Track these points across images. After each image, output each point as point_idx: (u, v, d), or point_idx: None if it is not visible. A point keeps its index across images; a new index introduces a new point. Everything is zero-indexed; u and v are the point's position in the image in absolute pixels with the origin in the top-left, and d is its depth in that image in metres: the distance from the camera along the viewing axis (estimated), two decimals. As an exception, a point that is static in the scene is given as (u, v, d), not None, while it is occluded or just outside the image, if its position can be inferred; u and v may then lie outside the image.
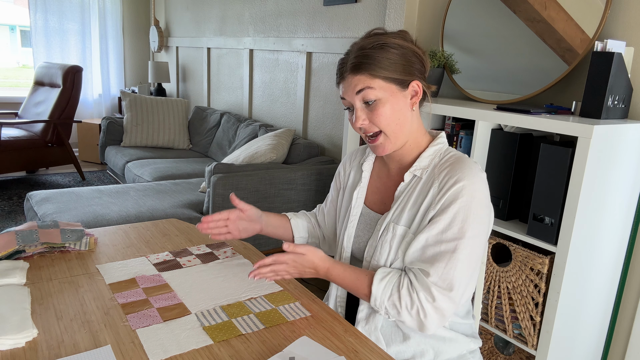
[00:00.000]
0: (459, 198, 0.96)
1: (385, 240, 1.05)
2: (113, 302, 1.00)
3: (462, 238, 0.95)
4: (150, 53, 5.78)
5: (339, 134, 2.97)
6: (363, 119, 1.03)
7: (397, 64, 1.00)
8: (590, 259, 1.48)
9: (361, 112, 1.03)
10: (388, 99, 1.01)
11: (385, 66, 0.99)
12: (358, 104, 1.02)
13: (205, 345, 0.87)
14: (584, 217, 1.38)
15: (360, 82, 1.00)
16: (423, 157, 1.06)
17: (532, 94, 1.73)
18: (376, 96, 1.00)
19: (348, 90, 1.03)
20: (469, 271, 0.97)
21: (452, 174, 0.99)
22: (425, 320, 0.95)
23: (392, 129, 1.02)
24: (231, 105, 4.24)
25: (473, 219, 0.96)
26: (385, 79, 1.00)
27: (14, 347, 0.84)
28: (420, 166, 1.05)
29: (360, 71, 1.00)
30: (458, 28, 2.03)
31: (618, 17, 1.58)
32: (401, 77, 1.01)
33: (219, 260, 1.24)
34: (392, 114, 1.01)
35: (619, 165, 1.45)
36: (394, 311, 0.97)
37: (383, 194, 1.13)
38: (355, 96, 1.02)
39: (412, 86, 1.03)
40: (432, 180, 1.02)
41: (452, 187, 0.97)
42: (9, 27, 9.20)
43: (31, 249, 1.17)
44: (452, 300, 0.95)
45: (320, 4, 3.03)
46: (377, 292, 0.98)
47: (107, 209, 2.43)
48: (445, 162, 1.02)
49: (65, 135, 4.27)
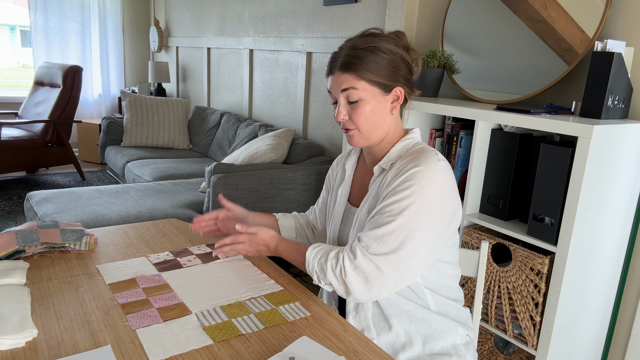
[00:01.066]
0: (410, 179, 1.00)
1: (357, 229, 1.12)
2: (113, 302, 1.00)
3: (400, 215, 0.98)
4: (150, 53, 5.78)
5: (339, 134, 2.97)
6: (344, 114, 1.09)
7: (384, 69, 1.06)
8: (590, 259, 1.48)
9: (343, 108, 1.08)
10: (369, 101, 1.07)
11: (373, 70, 1.05)
12: (341, 100, 1.08)
13: (205, 345, 0.87)
14: (584, 217, 1.38)
15: (346, 82, 1.06)
16: (391, 151, 1.12)
17: (532, 94, 1.73)
18: (359, 97, 1.06)
19: (334, 86, 1.08)
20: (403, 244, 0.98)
21: (410, 162, 1.04)
22: (346, 280, 0.98)
23: (368, 128, 1.09)
24: (231, 105, 4.24)
25: (422, 201, 0.99)
26: (370, 82, 1.05)
27: (14, 347, 0.83)
28: (388, 160, 1.11)
29: (348, 70, 1.05)
30: (458, 28, 2.03)
31: (618, 17, 1.58)
32: (385, 82, 1.07)
33: (219, 260, 1.24)
34: (370, 115, 1.07)
35: (619, 165, 1.45)
36: (321, 273, 1.02)
37: (363, 189, 1.19)
38: (340, 93, 1.08)
39: (395, 91, 1.09)
40: (394, 169, 1.07)
41: (408, 171, 1.02)
42: (9, 27, 9.20)
43: (31, 249, 1.17)
44: (377, 263, 0.97)
45: (320, 4, 3.03)
46: (309, 257, 1.05)
47: (107, 209, 2.43)
48: (409, 154, 1.08)
49: (65, 135, 4.27)
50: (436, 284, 1.09)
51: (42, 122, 4.15)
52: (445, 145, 1.87)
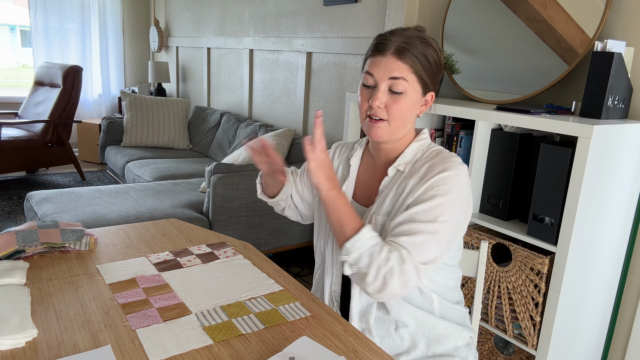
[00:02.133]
0: (439, 186, 0.98)
1: None
2: (113, 302, 1.00)
3: (435, 222, 0.96)
4: (150, 53, 5.78)
5: (339, 134, 2.97)
6: (382, 102, 1.02)
7: (431, 70, 1.03)
8: (590, 259, 1.48)
9: (382, 95, 1.02)
10: (411, 97, 1.03)
11: (424, 65, 1.01)
12: (384, 86, 1.02)
13: (205, 345, 0.87)
14: (584, 217, 1.38)
15: (399, 70, 1.00)
16: (406, 152, 1.08)
17: (532, 94, 1.73)
18: (405, 89, 1.01)
19: (382, 70, 1.01)
20: (438, 252, 0.97)
21: (433, 167, 1.01)
22: (390, 281, 0.93)
23: (398, 124, 1.04)
24: (231, 105, 4.24)
25: (451, 205, 0.97)
26: (419, 78, 1.02)
27: (14, 347, 0.83)
28: (403, 161, 1.08)
29: (404, 58, 1.00)
30: (458, 28, 2.03)
31: (618, 17, 1.58)
32: (428, 83, 1.04)
33: (219, 260, 1.24)
34: (407, 111, 1.03)
35: (619, 165, 1.45)
36: (366, 258, 0.94)
37: (369, 188, 1.15)
38: (386, 79, 1.01)
39: (428, 96, 1.07)
40: (413, 173, 1.04)
41: (434, 176, 0.99)
42: (9, 27, 9.20)
43: (31, 249, 1.17)
44: (418, 272, 0.94)
45: (320, 4, 3.03)
46: (364, 235, 0.96)
47: (107, 209, 2.43)
48: (427, 157, 1.06)
49: (65, 135, 4.27)
50: (442, 287, 1.09)
51: (42, 122, 4.15)
52: (445, 145, 1.87)
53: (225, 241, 1.38)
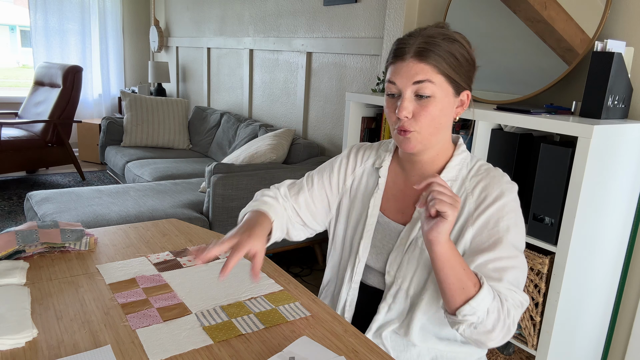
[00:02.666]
0: (505, 215, 0.93)
1: (413, 257, 1.00)
2: (113, 302, 1.00)
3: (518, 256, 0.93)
4: (150, 53, 5.78)
5: (339, 134, 2.97)
6: (409, 111, 0.93)
7: (461, 67, 0.94)
8: (590, 259, 1.48)
9: (409, 103, 0.93)
10: (441, 100, 0.93)
11: (451, 64, 0.92)
12: (409, 94, 0.93)
13: (205, 345, 0.87)
14: (584, 217, 1.38)
15: (423, 73, 0.91)
16: (450, 167, 1.00)
17: (532, 94, 1.73)
18: (432, 92, 0.92)
19: (404, 76, 0.93)
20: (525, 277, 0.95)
21: (489, 189, 0.95)
22: (512, 329, 0.89)
23: (430, 131, 0.95)
24: (231, 105, 4.24)
25: (519, 230, 0.94)
26: (447, 78, 0.93)
27: (14, 347, 0.83)
28: (447, 177, 0.99)
29: (426, 60, 0.91)
30: (458, 28, 2.02)
31: (618, 17, 1.58)
32: (459, 82, 0.95)
33: (220, 260, 1.24)
34: (438, 117, 0.94)
35: (619, 165, 1.45)
36: (494, 316, 0.86)
37: (401, 202, 1.06)
38: (410, 85, 0.92)
39: (463, 95, 0.98)
40: (465, 194, 0.97)
41: (494, 204, 0.94)
42: (9, 27, 9.21)
43: (31, 249, 1.17)
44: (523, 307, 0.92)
45: (320, 4, 3.03)
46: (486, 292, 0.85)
47: (107, 209, 2.43)
48: (476, 175, 0.99)
49: (65, 135, 4.27)
50: None
51: (42, 122, 4.15)
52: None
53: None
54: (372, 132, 2.18)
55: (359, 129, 2.17)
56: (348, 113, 2.14)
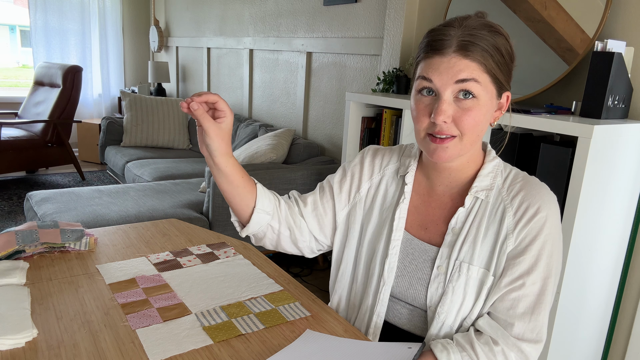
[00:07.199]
0: (543, 232, 0.82)
1: (458, 285, 0.85)
2: (113, 302, 1.00)
3: (549, 277, 0.82)
4: (150, 53, 5.78)
5: (339, 133, 2.97)
6: (448, 115, 0.79)
7: (506, 64, 0.82)
8: (590, 259, 1.48)
9: (448, 106, 0.79)
10: (486, 103, 0.81)
11: (498, 60, 0.80)
12: (448, 95, 0.79)
13: (205, 345, 0.87)
14: (584, 217, 1.38)
15: (468, 70, 0.78)
16: (482, 175, 0.88)
17: (532, 94, 1.73)
18: (478, 93, 0.79)
19: (444, 73, 0.79)
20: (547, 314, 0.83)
21: (529, 200, 0.84)
22: None
23: (472, 138, 0.82)
24: (231, 105, 4.25)
25: (556, 252, 0.83)
26: (493, 77, 0.80)
27: (14, 347, 0.83)
28: (481, 187, 0.87)
29: (471, 55, 0.78)
30: (458, 28, 2.03)
31: (618, 17, 1.58)
32: (502, 82, 0.83)
33: (219, 260, 1.24)
34: (481, 122, 0.81)
35: (619, 165, 1.45)
36: None
37: (424, 215, 0.93)
38: (451, 84, 0.79)
39: (504, 97, 0.86)
40: (503, 206, 0.86)
41: (533, 218, 0.82)
42: (9, 27, 9.20)
43: (31, 249, 1.17)
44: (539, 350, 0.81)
45: (320, 4, 3.03)
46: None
47: (107, 209, 2.43)
48: (513, 184, 0.88)
49: (65, 135, 4.27)
50: None
51: (42, 122, 4.15)
52: (445, 145, 1.87)
53: (225, 241, 1.38)
54: (372, 132, 2.18)
55: (359, 129, 2.17)
56: (348, 113, 2.14)
